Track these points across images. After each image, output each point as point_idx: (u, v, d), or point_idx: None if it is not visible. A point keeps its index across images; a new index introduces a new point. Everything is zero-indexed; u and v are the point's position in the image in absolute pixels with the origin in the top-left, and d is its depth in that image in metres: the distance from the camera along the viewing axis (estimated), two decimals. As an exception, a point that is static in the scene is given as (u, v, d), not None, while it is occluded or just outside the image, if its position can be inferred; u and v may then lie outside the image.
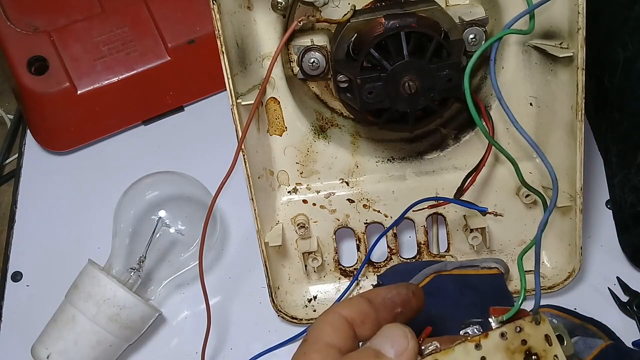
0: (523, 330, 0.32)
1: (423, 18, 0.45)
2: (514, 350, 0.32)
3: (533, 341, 0.32)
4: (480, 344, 0.31)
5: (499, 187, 0.54)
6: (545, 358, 0.32)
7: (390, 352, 0.30)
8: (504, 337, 0.32)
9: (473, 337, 0.32)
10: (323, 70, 0.51)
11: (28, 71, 0.62)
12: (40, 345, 0.51)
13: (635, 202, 0.56)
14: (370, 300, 0.34)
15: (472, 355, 0.31)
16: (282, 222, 0.54)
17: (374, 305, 0.34)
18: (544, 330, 0.32)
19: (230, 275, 0.59)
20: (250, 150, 0.49)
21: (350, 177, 0.55)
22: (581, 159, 0.49)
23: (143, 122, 0.68)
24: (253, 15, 0.48)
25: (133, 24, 0.65)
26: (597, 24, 0.55)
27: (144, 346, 0.56)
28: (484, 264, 0.51)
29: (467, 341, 0.32)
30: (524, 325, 0.32)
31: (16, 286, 0.60)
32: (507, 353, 0.32)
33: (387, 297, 0.35)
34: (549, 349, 0.32)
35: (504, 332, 0.32)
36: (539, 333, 0.32)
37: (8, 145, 0.80)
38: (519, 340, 0.32)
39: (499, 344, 0.32)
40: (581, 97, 0.47)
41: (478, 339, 0.32)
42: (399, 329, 0.31)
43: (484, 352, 0.31)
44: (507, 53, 0.51)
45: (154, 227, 0.55)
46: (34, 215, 0.63)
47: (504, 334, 0.32)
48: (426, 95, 0.44)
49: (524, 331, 0.32)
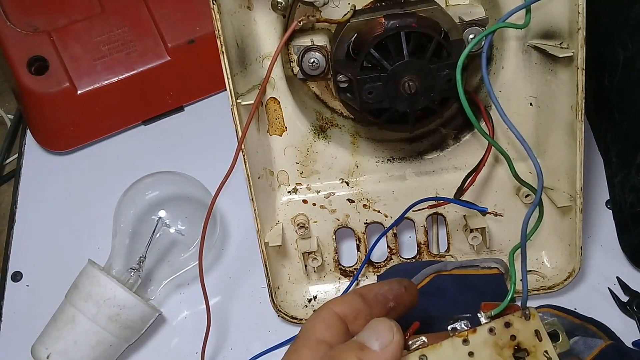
0: (512, 326, 0.32)
1: (423, 18, 0.45)
2: (503, 346, 0.31)
3: (522, 337, 0.32)
4: (468, 339, 0.31)
5: (499, 187, 0.54)
6: (535, 354, 0.31)
7: (375, 345, 0.30)
8: (492, 332, 0.31)
9: (461, 332, 0.31)
10: (323, 70, 0.51)
11: (28, 71, 0.62)
12: (40, 345, 0.51)
13: (635, 202, 0.56)
14: (363, 296, 0.34)
15: (460, 350, 0.31)
16: (282, 222, 0.54)
17: (366, 301, 0.34)
18: (534, 325, 0.32)
19: (230, 275, 0.59)
20: (250, 150, 0.49)
21: (350, 177, 0.55)
22: (581, 159, 0.49)
23: (143, 122, 0.68)
24: (253, 15, 0.48)
25: (133, 24, 0.65)
26: (597, 24, 0.55)
27: (144, 346, 0.56)
28: (484, 264, 0.51)
29: (454, 336, 0.31)
30: (513, 321, 0.32)
31: (16, 286, 0.60)
32: (495, 348, 0.31)
33: (380, 293, 0.35)
34: (538, 344, 0.32)
35: (493, 327, 0.31)
36: (528, 328, 0.32)
37: (8, 145, 0.80)
38: (507, 335, 0.31)
39: (487, 340, 0.31)
40: (581, 97, 0.47)
41: (466, 334, 0.31)
42: (384, 323, 0.31)
43: (472, 347, 0.31)
44: (507, 53, 0.51)
45: (154, 227, 0.55)
46: (34, 215, 0.63)
47: (492, 329, 0.31)
48: (426, 95, 0.44)
49: (513, 326, 0.32)
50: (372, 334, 0.31)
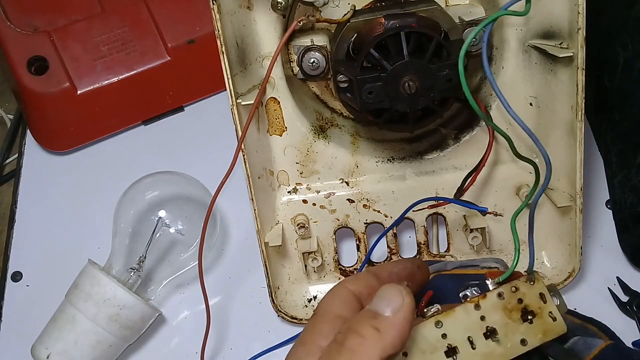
0: (519, 290, 0.34)
1: (423, 18, 0.45)
2: (511, 309, 0.33)
3: (529, 299, 0.34)
4: (479, 305, 0.33)
5: (499, 187, 0.54)
6: (541, 314, 0.33)
7: (387, 311, 0.31)
8: (501, 297, 0.33)
9: (472, 298, 0.34)
10: (323, 70, 0.51)
11: (28, 71, 0.62)
12: (40, 345, 0.51)
13: (635, 202, 0.56)
14: (377, 275, 0.35)
15: (472, 315, 0.33)
16: (282, 222, 0.54)
17: (380, 280, 0.35)
18: (539, 289, 0.34)
19: (230, 275, 0.59)
20: (250, 150, 0.49)
21: (350, 177, 0.55)
22: (581, 159, 0.49)
23: (143, 122, 0.68)
24: (253, 15, 0.48)
25: (133, 24, 0.65)
26: (597, 24, 0.55)
27: (144, 346, 0.56)
28: (484, 264, 0.51)
29: (466, 302, 0.33)
30: (520, 285, 0.34)
31: (16, 286, 0.60)
32: (504, 312, 0.33)
33: (393, 272, 0.36)
34: (544, 306, 0.34)
35: (501, 292, 0.34)
36: (534, 292, 0.34)
37: (8, 145, 0.81)
38: (515, 299, 0.34)
39: (496, 304, 0.33)
40: (581, 97, 0.47)
41: (477, 300, 0.33)
42: (394, 288, 0.32)
43: (483, 311, 0.33)
44: (507, 53, 0.51)
45: (154, 227, 0.55)
46: (34, 215, 0.63)
47: (501, 294, 0.33)
48: (426, 95, 0.44)
49: (520, 290, 0.34)
50: (382, 300, 0.32)
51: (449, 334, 0.32)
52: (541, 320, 0.33)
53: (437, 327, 0.33)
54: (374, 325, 0.31)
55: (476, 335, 0.33)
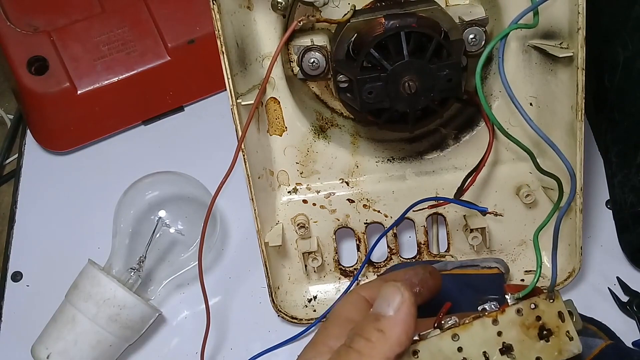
0: (538, 307, 0.33)
1: (423, 18, 0.45)
2: (529, 326, 0.33)
3: (547, 317, 0.33)
4: (497, 320, 0.33)
5: (499, 187, 0.54)
6: (558, 334, 0.33)
7: (389, 310, 0.32)
8: (519, 313, 0.33)
9: (490, 312, 0.33)
10: (323, 70, 0.51)
11: (28, 71, 0.62)
12: (40, 345, 0.51)
13: (635, 202, 0.56)
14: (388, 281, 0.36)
15: (489, 329, 0.33)
16: (282, 222, 0.54)
17: None
18: (557, 307, 0.34)
19: (230, 275, 0.59)
20: (250, 150, 0.49)
21: (350, 177, 0.55)
22: (581, 159, 0.49)
23: (143, 122, 0.68)
24: (253, 15, 0.48)
25: (133, 24, 0.65)
26: (597, 24, 0.55)
27: (144, 346, 0.56)
28: (484, 264, 0.51)
29: (484, 316, 0.33)
30: (539, 302, 0.33)
31: (16, 286, 0.60)
32: (522, 328, 0.33)
33: (405, 278, 0.37)
34: (561, 325, 0.33)
35: (520, 308, 0.33)
36: (552, 310, 0.33)
37: (8, 145, 0.81)
38: (533, 316, 0.33)
39: (514, 320, 0.33)
40: (581, 97, 0.47)
41: (495, 315, 0.33)
42: (391, 286, 0.32)
43: (501, 327, 0.33)
44: (507, 53, 0.51)
45: (154, 227, 0.55)
46: (34, 215, 0.63)
47: (519, 310, 0.33)
48: (426, 95, 0.44)
49: (539, 308, 0.33)
50: (383, 301, 0.32)
51: (465, 347, 0.32)
52: (558, 339, 0.33)
53: (454, 340, 0.33)
54: (377, 328, 0.31)
55: (492, 350, 0.33)
